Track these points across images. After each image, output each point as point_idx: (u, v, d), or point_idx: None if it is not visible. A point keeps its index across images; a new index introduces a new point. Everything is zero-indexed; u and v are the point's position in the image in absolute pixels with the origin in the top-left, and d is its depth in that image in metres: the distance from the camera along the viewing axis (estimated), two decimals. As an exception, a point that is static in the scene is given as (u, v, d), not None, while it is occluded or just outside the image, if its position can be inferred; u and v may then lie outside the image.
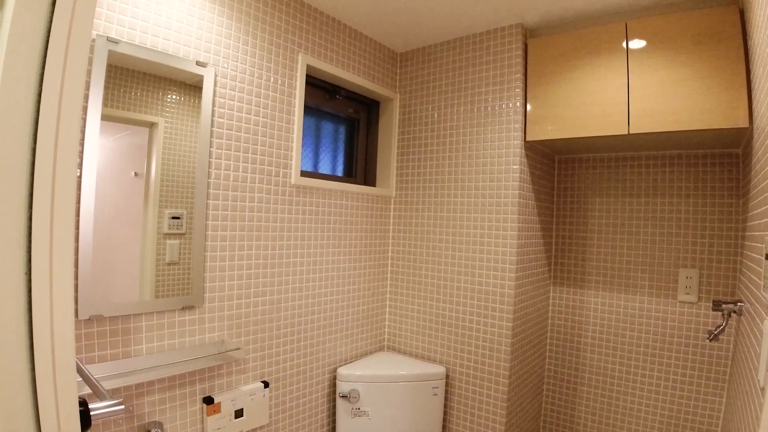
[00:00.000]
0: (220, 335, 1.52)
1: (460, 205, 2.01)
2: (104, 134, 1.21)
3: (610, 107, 1.68)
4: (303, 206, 1.78)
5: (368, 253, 2.11)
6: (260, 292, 1.64)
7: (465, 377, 2.00)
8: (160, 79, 1.33)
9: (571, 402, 2.23)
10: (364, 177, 2.27)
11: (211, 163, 1.46)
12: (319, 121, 2.07)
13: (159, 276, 1.34)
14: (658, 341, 2.01)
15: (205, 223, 1.45)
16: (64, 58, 0.58)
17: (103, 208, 1.22)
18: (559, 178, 2.26)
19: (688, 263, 1.94)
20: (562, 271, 2.25)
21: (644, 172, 2.05)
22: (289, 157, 1.72)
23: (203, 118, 1.43)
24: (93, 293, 1.19)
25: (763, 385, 0.86)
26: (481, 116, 1.96)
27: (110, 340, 1.24)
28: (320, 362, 1.90)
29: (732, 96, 1.47)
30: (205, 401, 1.47)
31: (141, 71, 1.29)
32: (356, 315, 2.07)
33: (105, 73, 1.20)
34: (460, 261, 2.00)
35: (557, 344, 2.27)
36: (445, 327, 2.06)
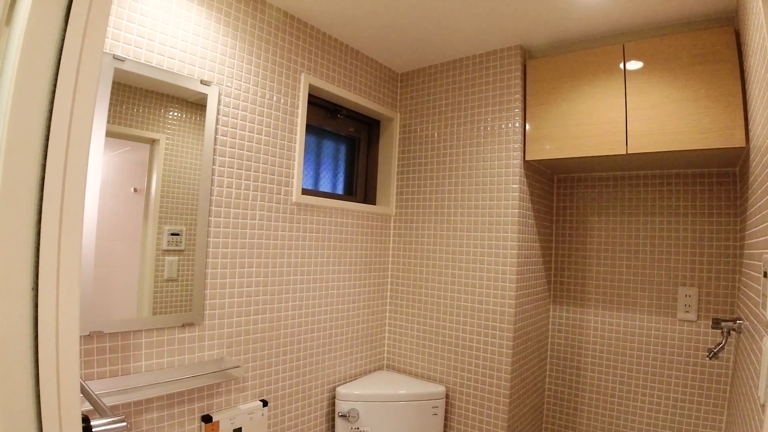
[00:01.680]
0: (220, 353, 1.51)
1: (459, 224, 2.02)
2: (105, 150, 1.22)
3: (608, 127, 1.70)
4: (304, 224, 1.79)
5: (368, 271, 2.11)
6: (260, 310, 1.64)
7: (465, 396, 1.99)
8: (163, 96, 1.34)
9: (572, 421, 2.22)
10: (365, 195, 2.28)
11: (213, 180, 1.47)
12: (320, 140, 2.08)
13: (157, 292, 1.34)
14: (658, 359, 2.00)
15: (206, 240, 1.45)
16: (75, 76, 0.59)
17: (102, 224, 1.22)
18: (558, 197, 2.28)
19: (687, 282, 1.95)
20: (561, 290, 2.25)
21: (642, 191, 2.06)
22: (290, 175, 1.73)
23: (206, 135, 1.44)
24: (93, 309, 1.19)
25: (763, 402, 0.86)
26: (481, 136, 1.98)
27: (110, 357, 1.24)
28: (319, 381, 1.89)
29: (729, 116, 1.49)
30: (203, 419, 1.46)
31: (144, 88, 1.30)
32: (356, 333, 2.06)
33: (110, 90, 1.21)
34: (460, 279, 2.01)
35: (557, 363, 2.26)
36: (444, 346, 2.05)
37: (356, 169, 2.25)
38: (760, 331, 1.05)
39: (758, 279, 1.15)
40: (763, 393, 0.88)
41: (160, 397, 1.36)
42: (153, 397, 1.34)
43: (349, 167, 2.24)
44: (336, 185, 2.17)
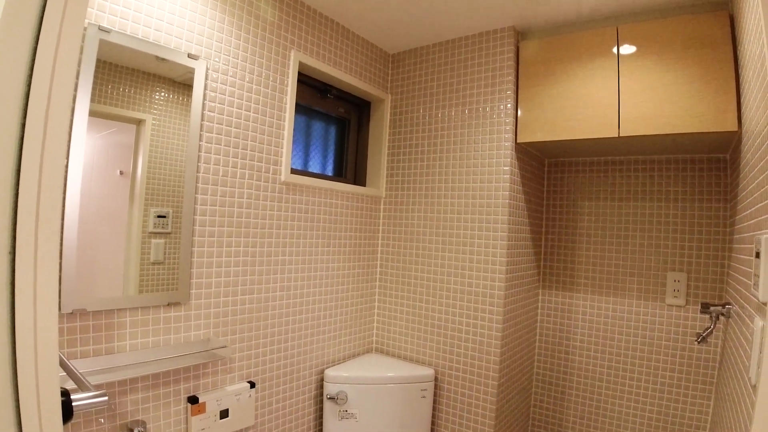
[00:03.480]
0: (206, 333, 1.49)
1: (450, 206, 2.00)
2: (90, 131, 1.19)
3: (601, 110, 1.69)
4: (292, 204, 1.76)
5: (357, 253, 2.09)
6: (248, 290, 1.61)
7: (454, 379, 1.99)
8: (149, 76, 1.31)
9: (560, 405, 2.23)
10: (354, 177, 2.26)
11: (200, 156, 1.44)
12: (310, 120, 2.05)
13: (143, 275, 1.32)
14: (646, 344, 2.01)
15: (192, 218, 1.43)
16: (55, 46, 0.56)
17: (87, 207, 1.19)
18: (548, 182, 2.27)
19: (676, 267, 1.95)
20: (551, 275, 2.25)
21: (633, 176, 2.06)
22: (279, 153, 1.70)
23: (193, 111, 1.41)
24: (76, 288, 1.17)
25: (754, 383, 0.86)
26: (472, 118, 1.96)
27: (93, 335, 1.21)
28: (307, 363, 1.87)
29: (721, 100, 1.49)
30: (189, 401, 1.44)
31: (130, 67, 1.26)
32: (344, 316, 2.05)
33: (95, 65, 1.17)
34: (450, 262, 2.00)
35: (546, 347, 2.26)
36: (434, 329, 2.05)
37: (346, 150, 2.22)
38: (750, 314, 1.05)
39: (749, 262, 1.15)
40: (754, 374, 0.87)
41: (145, 377, 1.34)
42: (138, 377, 1.32)
43: (338, 148, 2.21)
44: (326, 166, 2.14)
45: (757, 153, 1.12)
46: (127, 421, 1.30)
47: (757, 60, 1.10)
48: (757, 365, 0.83)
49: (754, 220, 1.14)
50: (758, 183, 1.09)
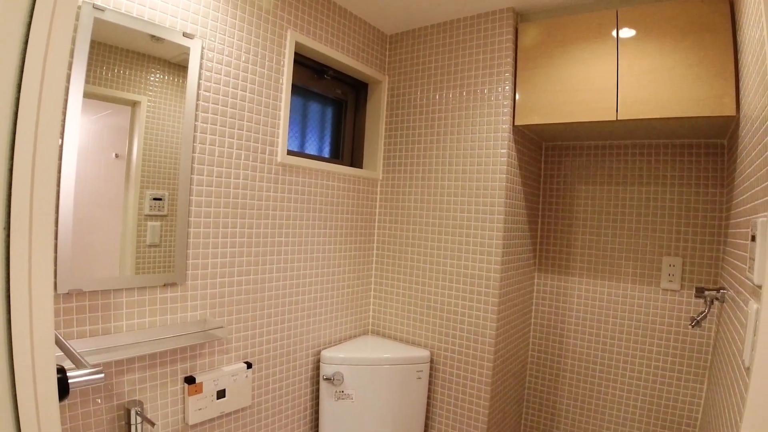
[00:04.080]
0: (203, 314, 1.50)
1: (447, 189, 2.00)
2: (85, 113, 1.17)
3: (599, 93, 1.68)
4: (289, 185, 1.76)
5: (354, 235, 2.09)
6: (244, 271, 1.61)
7: (449, 361, 2.00)
8: (144, 57, 1.29)
9: (554, 387, 2.25)
10: (351, 159, 2.25)
11: (195, 137, 1.43)
12: (307, 102, 2.04)
13: (139, 258, 1.32)
14: (640, 328, 2.03)
15: (188, 199, 1.42)
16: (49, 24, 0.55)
17: (82, 190, 1.18)
18: (546, 165, 2.27)
19: (671, 251, 1.96)
20: (546, 258, 2.26)
21: (630, 160, 2.06)
22: (275, 134, 1.69)
23: (189, 91, 1.39)
24: (72, 269, 1.16)
25: (748, 365, 0.87)
26: (470, 100, 1.95)
27: (90, 316, 1.21)
28: (304, 344, 1.88)
29: (720, 85, 1.48)
30: (186, 381, 1.45)
31: (125, 48, 1.25)
32: (341, 298, 2.05)
33: (89, 44, 1.16)
34: (446, 245, 2.00)
35: (541, 330, 2.28)
36: (430, 311, 2.06)
37: (343, 132, 2.21)
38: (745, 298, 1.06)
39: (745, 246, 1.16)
40: (748, 356, 0.88)
41: (142, 357, 1.34)
42: (135, 357, 1.32)
43: (335, 130, 2.20)
44: (322, 148, 2.13)
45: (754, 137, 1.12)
46: (124, 401, 1.31)
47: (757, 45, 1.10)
48: (751, 348, 0.84)
49: (750, 204, 1.14)
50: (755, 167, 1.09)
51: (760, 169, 1.02)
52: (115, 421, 1.30)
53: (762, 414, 0.76)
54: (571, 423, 2.21)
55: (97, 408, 1.25)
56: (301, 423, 1.91)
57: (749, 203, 1.15)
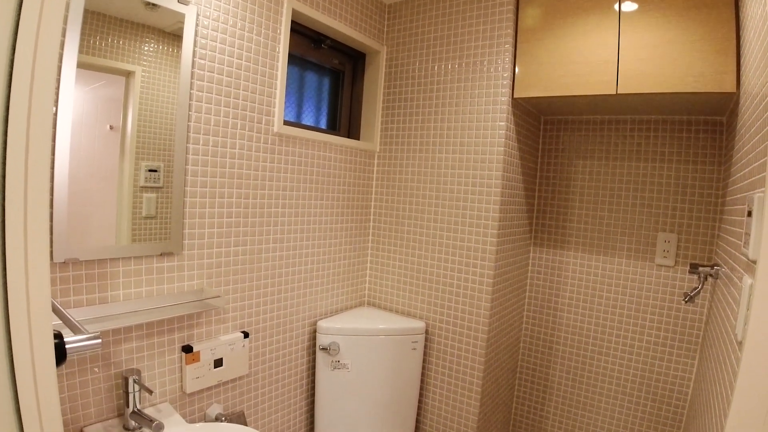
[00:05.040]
0: (200, 284, 1.50)
1: (444, 161, 1.99)
2: (78, 84, 1.15)
3: (600, 66, 1.67)
4: (285, 156, 1.74)
5: (350, 207, 2.09)
6: (241, 242, 1.61)
7: (444, 332, 2.02)
8: (139, 26, 1.26)
9: (547, 360, 2.28)
10: (348, 130, 2.23)
11: (191, 106, 1.41)
12: (303, 72, 2.01)
13: (135, 229, 1.31)
14: (633, 303, 2.05)
15: (184, 168, 1.41)
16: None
17: (77, 163, 1.17)
18: (544, 140, 2.26)
19: (667, 228, 1.97)
20: (542, 232, 2.26)
21: (629, 136, 2.05)
22: (272, 104, 1.67)
23: (184, 59, 1.37)
24: (68, 238, 1.16)
25: (740, 339, 0.88)
26: (469, 72, 1.92)
27: (86, 285, 1.21)
28: (300, 315, 1.90)
29: (721, 61, 1.47)
30: (184, 350, 1.46)
31: (119, 17, 1.22)
32: (337, 269, 2.06)
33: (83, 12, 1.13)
34: (443, 217, 2.00)
35: (535, 304, 2.30)
36: (425, 283, 2.07)
37: (340, 103, 2.19)
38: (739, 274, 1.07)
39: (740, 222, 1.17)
40: (741, 330, 0.89)
41: (139, 326, 1.35)
42: (132, 326, 1.33)
43: (332, 101, 2.17)
44: (319, 119, 2.11)
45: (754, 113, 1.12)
46: (122, 370, 1.32)
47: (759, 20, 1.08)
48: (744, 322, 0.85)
49: (747, 180, 1.15)
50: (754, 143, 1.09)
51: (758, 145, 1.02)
52: (113, 390, 1.31)
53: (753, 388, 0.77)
54: (563, 394, 2.25)
55: (95, 377, 1.26)
56: (297, 392, 1.94)
57: (747, 179, 1.15)
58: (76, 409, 1.23)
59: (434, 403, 2.08)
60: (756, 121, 1.08)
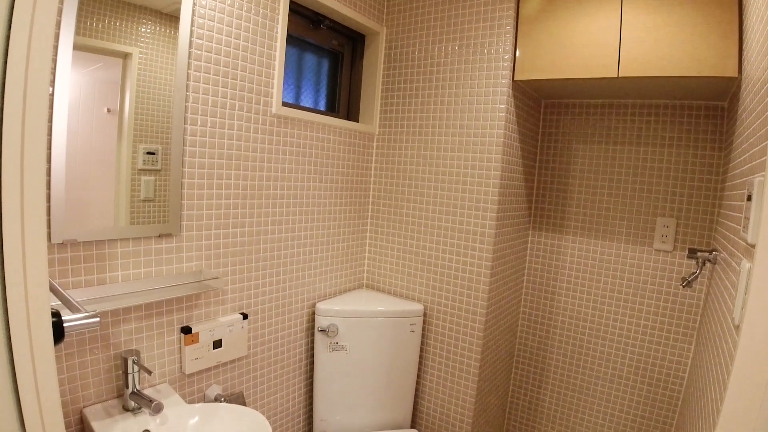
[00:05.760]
0: (198, 265, 1.50)
1: (444, 144, 1.98)
2: (75, 66, 1.14)
3: (601, 49, 1.65)
4: (284, 137, 1.73)
5: (349, 189, 2.08)
6: (239, 223, 1.61)
7: (442, 315, 2.03)
8: (135, 7, 1.24)
9: (544, 343, 2.30)
10: (347, 112, 2.21)
11: (189, 86, 1.40)
12: (302, 53, 1.99)
13: (134, 212, 1.31)
14: (631, 288, 2.06)
15: (182, 149, 1.40)
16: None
17: (74, 146, 1.16)
18: (544, 123, 2.24)
19: (666, 212, 1.97)
20: (541, 216, 2.26)
21: (629, 120, 2.04)
22: (270, 85, 1.66)
23: (181, 39, 1.35)
24: (66, 220, 1.16)
25: (738, 323, 0.88)
26: (470, 53, 1.90)
27: (85, 266, 1.21)
28: (299, 297, 1.90)
29: (723, 45, 1.46)
30: (182, 331, 1.47)
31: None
32: (336, 252, 2.06)
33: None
34: (442, 200, 1.99)
35: (533, 287, 2.31)
36: (424, 266, 2.07)
37: (339, 85, 2.17)
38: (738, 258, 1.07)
39: (740, 207, 1.17)
40: (738, 314, 0.89)
41: (138, 307, 1.35)
42: (131, 307, 1.33)
43: (331, 83, 2.16)
44: (318, 101, 2.10)
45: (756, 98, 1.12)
46: (121, 351, 1.33)
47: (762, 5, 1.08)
48: (742, 306, 0.85)
49: (747, 165, 1.15)
50: (755, 128, 1.09)
51: (759, 129, 1.02)
52: (112, 371, 1.32)
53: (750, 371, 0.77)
54: (560, 377, 2.27)
55: (94, 358, 1.27)
56: (296, 373, 1.95)
57: (747, 164, 1.15)
58: (75, 390, 1.24)
59: (432, 385, 2.09)
60: (757, 106, 1.08)
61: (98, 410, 1.27)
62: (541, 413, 2.35)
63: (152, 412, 1.22)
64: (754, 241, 0.87)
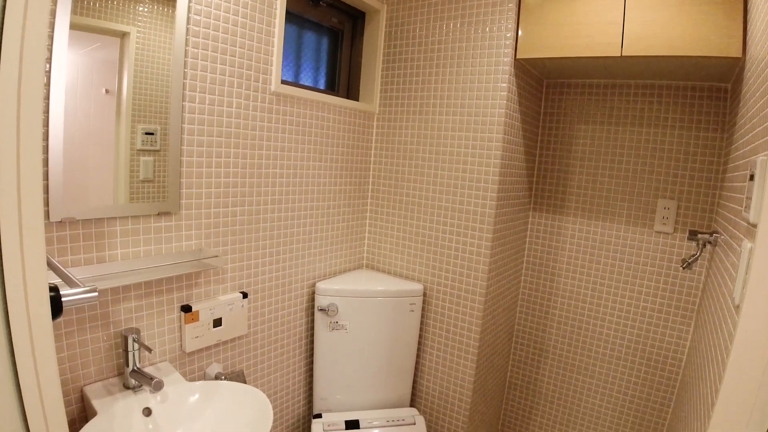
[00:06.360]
0: (198, 244, 1.50)
1: (444, 123, 1.97)
2: (72, 47, 1.12)
3: (605, 28, 1.63)
4: (283, 116, 1.72)
5: (349, 169, 2.07)
6: (238, 202, 1.60)
7: (442, 295, 2.04)
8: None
9: (543, 323, 2.31)
10: (347, 91, 2.19)
11: (186, 63, 1.38)
12: (301, 31, 1.96)
13: (133, 193, 1.30)
14: (631, 269, 2.06)
15: (180, 126, 1.38)
16: None
17: (72, 127, 1.15)
18: (546, 103, 2.23)
19: (667, 194, 1.96)
20: (542, 197, 2.26)
21: (632, 101, 2.02)
22: (269, 62, 1.64)
23: (179, 16, 1.32)
24: (65, 199, 1.15)
25: (738, 303, 0.88)
26: (471, 31, 1.88)
27: (84, 244, 1.21)
28: (299, 276, 1.90)
29: (728, 25, 1.45)
30: (182, 309, 1.47)
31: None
32: (336, 231, 2.06)
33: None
34: (442, 180, 1.99)
35: (532, 268, 2.31)
36: (424, 246, 2.07)
37: (339, 63, 2.14)
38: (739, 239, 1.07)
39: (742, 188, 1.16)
40: (738, 294, 0.89)
41: (138, 285, 1.35)
42: (131, 285, 1.33)
43: (331, 61, 2.13)
44: (317, 80, 2.07)
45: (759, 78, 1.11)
46: (121, 329, 1.33)
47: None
48: (743, 286, 0.85)
49: (750, 145, 1.14)
50: (758, 108, 1.08)
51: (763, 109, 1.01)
52: (112, 349, 1.32)
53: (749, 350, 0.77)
54: (558, 357, 2.28)
55: (94, 336, 1.27)
56: (296, 352, 1.96)
57: (750, 144, 1.15)
58: (75, 368, 1.24)
59: (431, 364, 2.11)
60: (761, 86, 1.07)
61: (99, 388, 1.28)
62: (539, 393, 2.37)
63: (153, 390, 1.23)
64: (755, 221, 0.86)
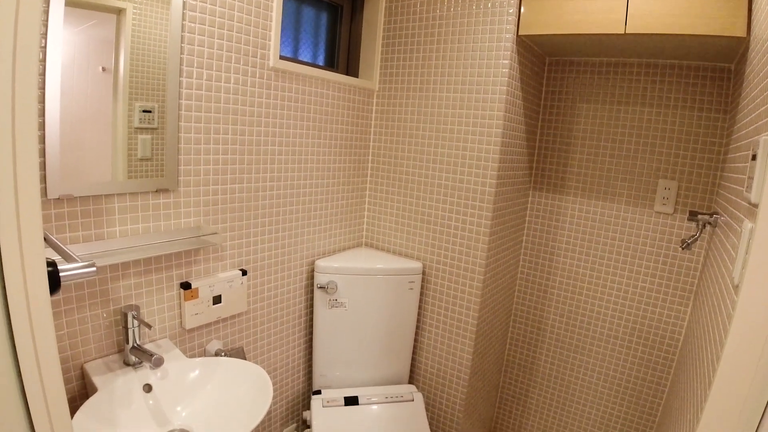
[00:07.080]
0: (197, 221, 1.49)
1: (445, 101, 1.95)
2: (68, 24, 1.10)
3: (609, 4, 1.60)
4: (282, 92, 1.70)
5: (348, 147, 2.06)
6: (237, 179, 1.59)
7: (441, 273, 2.04)
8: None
9: (541, 303, 2.32)
10: (347, 68, 2.17)
11: (183, 37, 1.36)
12: (300, 5, 1.93)
13: (131, 171, 1.29)
14: (630, 249, 2.06)
15: (178, 102, 1.37)
16: None
17: (69, 106, 1.14)
18: (548, 81, 2.20)
19: (668, 175, 1.95)
20: (542, 176, 2.25)
21: (635, 80, 2.00)
22: (267, 37, 1.61)
23: (175, -13, 1.31)
24: (63, 176, 1.14)
25: (737, 283, 0.88)
26: (473, 7, 1.84)
27: (82, 221, 1.20)
28: (298, 254, 1.91)
29: (732, 5, 1.43)
30: (182, 286, 1.48)
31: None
32: (335, 209, 2.05)
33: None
34: (442, 158, 1.97)
35: (532, 247, 2.31)
36: (423, 224, 2.07)
37: (338, 39, 2.11)
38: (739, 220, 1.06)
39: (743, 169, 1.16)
40: (738, 274, 0.89)
41: (137, 262, 1.35)
42: (129, 262, 1.33)
43: (330, 37, 2.10)
44: (316, 56, 2.05)
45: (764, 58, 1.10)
46: (121, 306, 1.33)
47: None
48: (742, 266, 0.85)
49: (753, 126, 1.13)
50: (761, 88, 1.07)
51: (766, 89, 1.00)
52: (112, 326, 1.33)
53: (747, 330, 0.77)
54: (556, 336, 2.30)
55: (94, 313, 1.27)
56: (296, 329, 1.97)
57: (753, 124, 1.14)
58: (75, 345, 1.25)
59: (430, 342, 2.12)
60: (765, 66, 1.06)
61: (99, 365, 1.28)
62: (536, 371, 2.39)
63: (153, 366, 1.24)
64: (757, 201, 0.86)
